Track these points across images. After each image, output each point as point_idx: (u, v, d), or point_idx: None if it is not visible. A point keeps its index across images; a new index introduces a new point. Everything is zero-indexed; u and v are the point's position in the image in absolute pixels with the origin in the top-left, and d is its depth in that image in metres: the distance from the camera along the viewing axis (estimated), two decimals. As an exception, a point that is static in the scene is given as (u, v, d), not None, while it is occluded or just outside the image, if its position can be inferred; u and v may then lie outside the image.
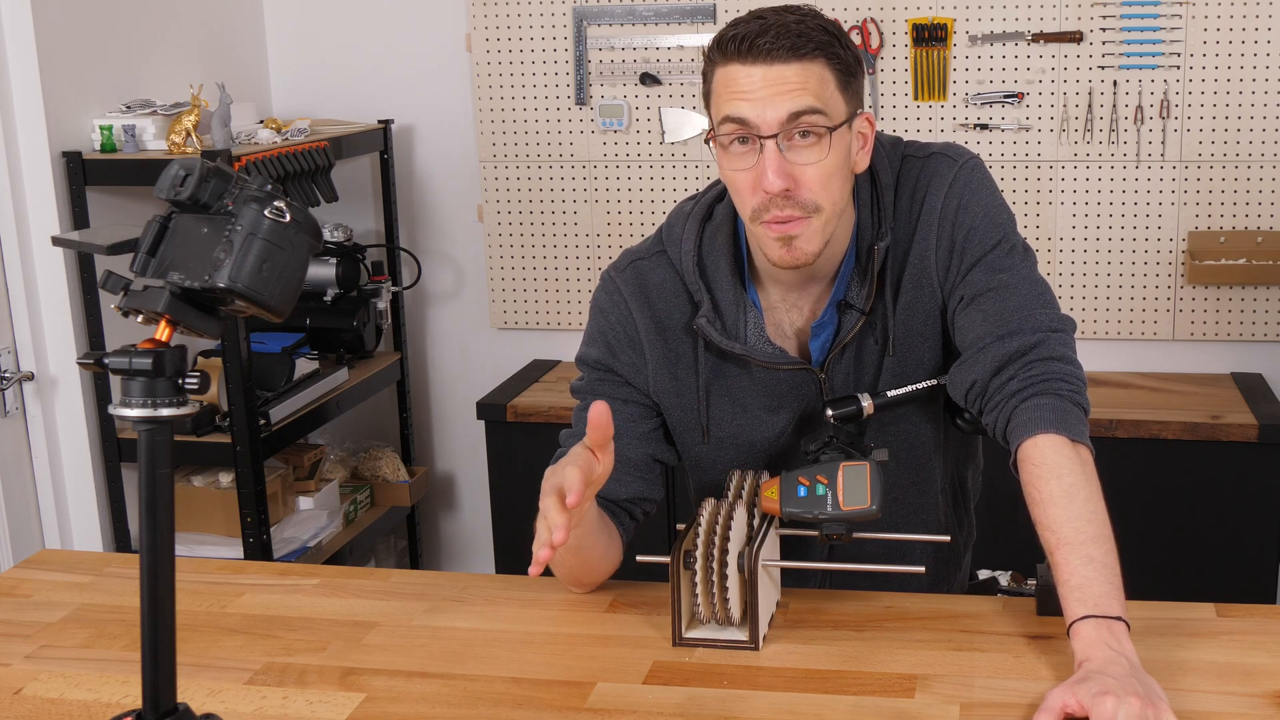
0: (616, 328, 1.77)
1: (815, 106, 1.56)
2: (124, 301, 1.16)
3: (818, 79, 1.57)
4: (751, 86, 1.56)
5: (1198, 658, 1.51)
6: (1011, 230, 1.69)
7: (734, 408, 1.75)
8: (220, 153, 2.87)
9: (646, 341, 1.75)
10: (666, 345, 1.75)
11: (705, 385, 1.75)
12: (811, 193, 1.59)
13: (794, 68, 1.56)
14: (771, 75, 1.55)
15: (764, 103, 1.56)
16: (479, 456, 3.54)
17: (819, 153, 1.58)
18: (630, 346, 1.76)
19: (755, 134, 1.57)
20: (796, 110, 1.56)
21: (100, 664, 1.62)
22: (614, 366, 1.77)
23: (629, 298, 1.76)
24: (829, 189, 1.60)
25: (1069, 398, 1.56)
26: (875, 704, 1.45)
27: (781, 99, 1.56)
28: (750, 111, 1.56)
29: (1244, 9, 3.17)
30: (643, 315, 1.75)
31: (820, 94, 1.57)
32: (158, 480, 1.14)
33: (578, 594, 1.75)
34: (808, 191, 1.59)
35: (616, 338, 1.77)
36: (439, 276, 3.77)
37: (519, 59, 3.54)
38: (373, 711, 1.48)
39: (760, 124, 1.56)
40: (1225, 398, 3.18)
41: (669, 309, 1.75)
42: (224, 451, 2.98)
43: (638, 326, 1.76)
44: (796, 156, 1.57)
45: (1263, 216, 3.26)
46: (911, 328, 1.70)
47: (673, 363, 1.76)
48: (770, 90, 1.56)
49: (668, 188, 3.53)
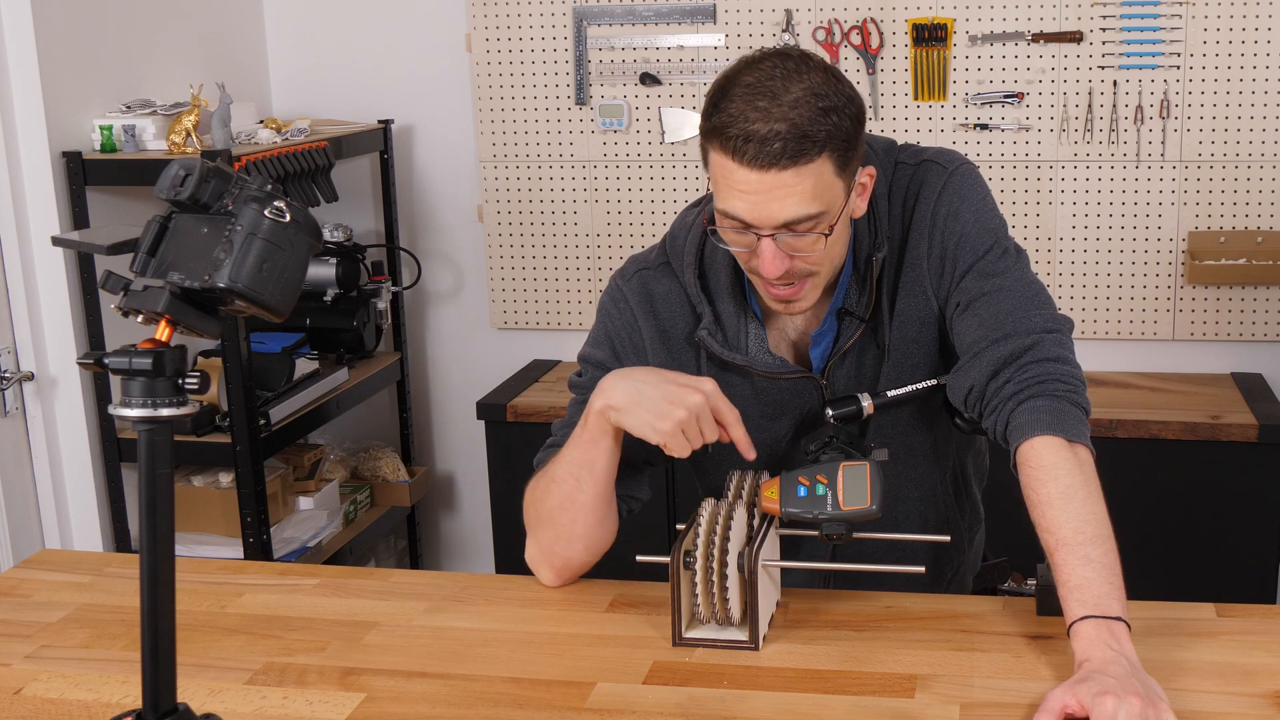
0: (622, 334, 1.78)
1: (812, 213, 1.55)
2: (124, 301, 1.16)
3: (815, 177, 1.53)
4: (749, 189, 1.54)
5: (1198, 658, 1.51)
6: (1003, 234, 1.69)
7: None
8: (220, 153, 2.87)
9: (651, 350, 1.77)
10: (670, 354, 1.76)
11: None
12: (810, 265, 1.60)
13: (791, 174, 1.52)
14: (768, 181, 1.53)
15: (762, 207, 1.54)
16: (479, 456, 3.54)
17: (817, 242, 1.58)
18: (635, 353, 1.78)
19: (754, 231, 1.57)
20: (794, 218, 1.55)
21: (100, 664, 1.62)
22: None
23: (635, 306, 1.78)
24: (829, 258, 1.62)
25: (1066, 398, 1.56)
26: (875, 704, 1.45)
27: (779, 205, 1.54)
28: (747, 213, 1.55)
29: (1244, 9, 3.17)
30: (648, 324, 1.77)
31: (818, 193, 1.54)
32: (158, 480, 1.14)
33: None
34: (806, 265, 1.60)
35: (622, 344, 1.78)
36: (439, 276, 3.77)
37: (519, 59, 3.54)
38: (373, 711, 1.48)
39: (758, 224, 1.56)
40: (1225, 398, 3.18)
41: (673, 319, 1.77)
42: (224, 451, 2.98)
43: (643, 335, 1.77)
44: (795, 244, 1.57)
45: (1263, 216, 3.26)
46: (907, 334, 1.71)
47: (675, 371, 1.76)
48: (767, 195, 1.53)
49: (668, 188, 3.53)
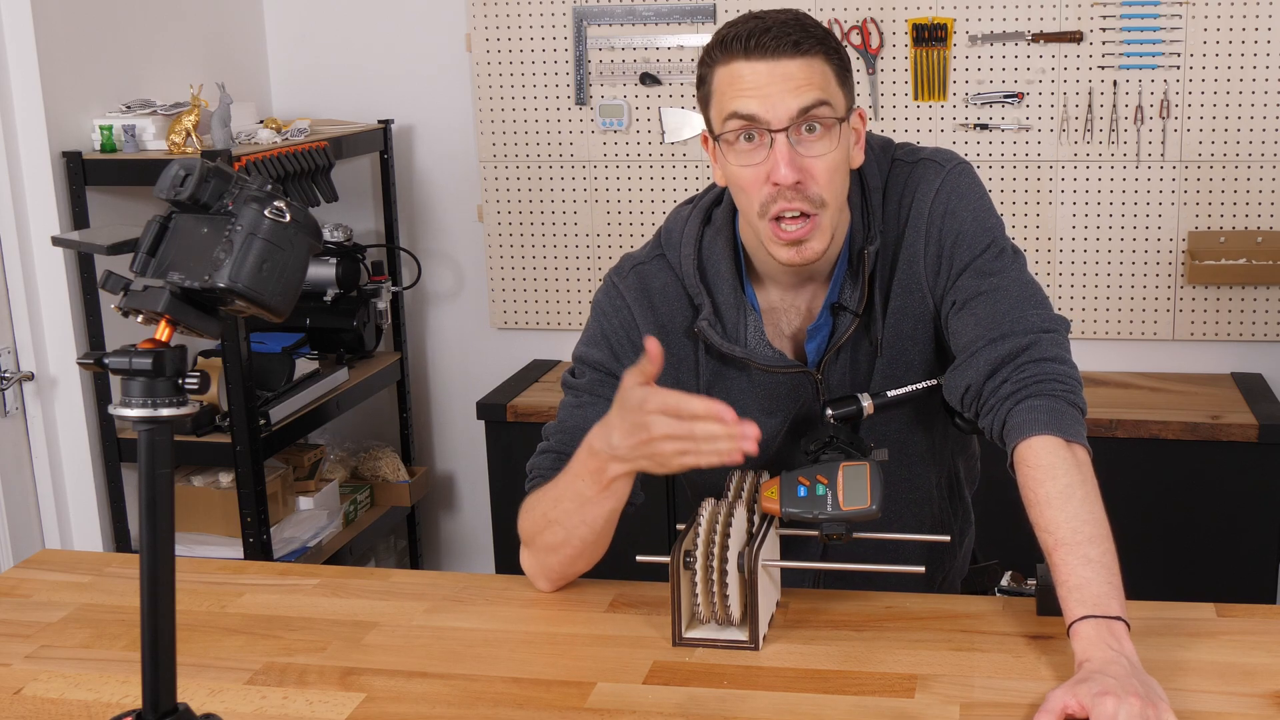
0: (620, 331, 1.77)
1: (823, 99, 1.59)
2: (124, 301, 1.16)
3: (820, 73, 1.60)
4: (758, 82, 1.58)
5: (1198, 658, 1.51)
6: (1000, 234, 1.70)
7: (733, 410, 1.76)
8: (220, 153, 2.87)
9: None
10: (669, 348, 1.75)
11: (706, 388, 1.75)
12: (819, 186, 1.61)
13: (798, 63, 1.58)
14: (778, 71, 1.58)
15: (773, 98, 1.58)
16: (479, 456, 3.54)
17: (828, 144, 1.60)
18: (634, 350, 1.76)
19: (765, 128, 1.59)
20: (806, 105, 1.58)
21: (100, 664, 1.62)
22: (616, 371, 1.76)
23: (632, 302, 1.77)
24: (834, 182, 1.63)
25: (1063, 398, 1.56)
26: (875, 704, 1.45)
27: (790, 94, 1.58)
28: (759, 107, 1.58)
29: (1244, 9, 3.17)
30: (645, 319, 1.76)
31: (825, 87, 1.60)
32: (158, 480, 1.14)
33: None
34: (816, 185, 1.61)
35: (620, 341, 1.77)
36: (439, 276, 3.77)
37: (519, 59, 3.54)
38: (373, 711, 1.48)
39: (770, 118, 1.58)
40: (1225, 398, 3.18)
41: (671, 312, 1.76)
42: (224, 451, 2.98)
43: (640, 331, 1.76)
44: (806, 149, 1.60)
45: (1263, 216, 3.26)
46: (902, 331, 1.71)
47: (675, 366, 1.76)
48: (778, 85, 1.58)
49: (668, 188, 3.53)
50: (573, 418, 1.76)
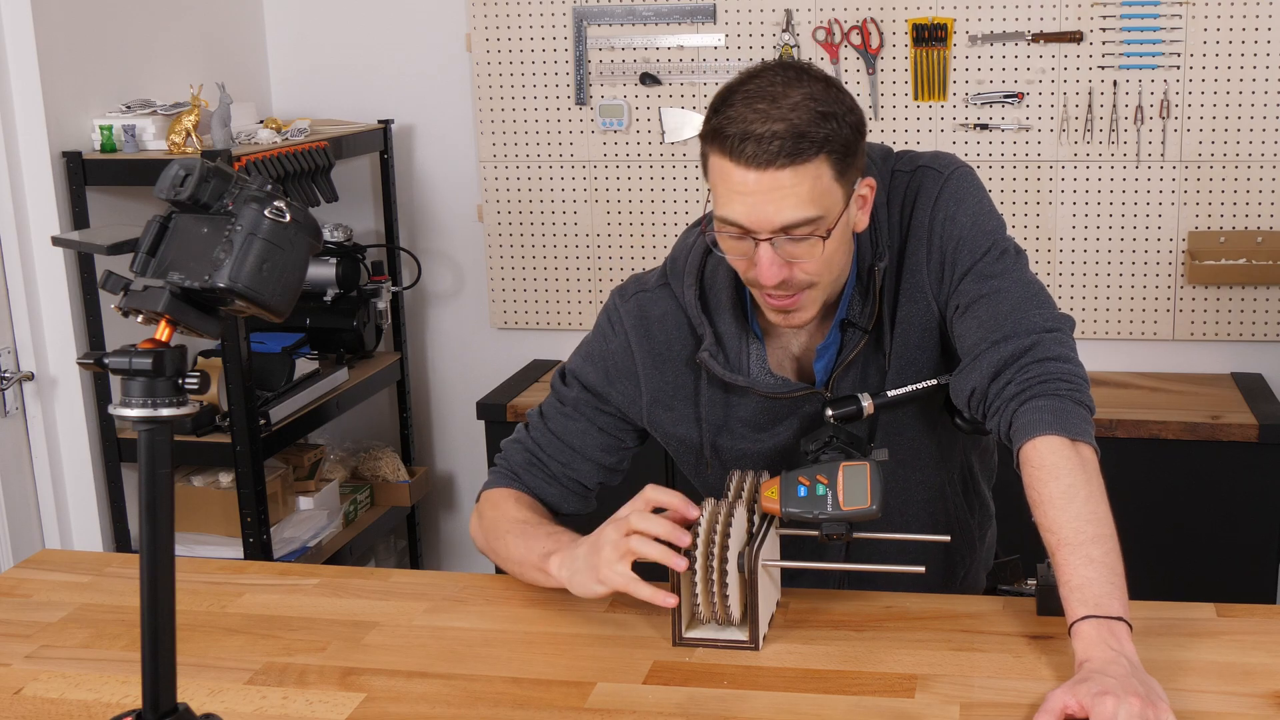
0: (615, 357, 1.79)
1: (810, 216, 1.55)
2: (124, 301, 1.16)
3: (813, 180, 1.54)
4: (746, 189, 1.54)
5: (1198, 658, 1.51)
6: (1001, 235, 1.69)
7: (738, 434, 1.77)
8: (220, 153, 2.87)
9: (643, 374, 1.78)
10: (663, 377, 1.77)
11: (708, 417, 1.76)
12: (809, 274, 1.60)
13: (788, 173, 1.52)
14: (766, 181, 1.53)
15: (759, 209, 1.54)
16: (479, 456, 3.54)
17: (815, 248, 1.58)
18: (626, 378, 1.79)
19: (751, 236, 1.57)
20: (790, 223, 1.55)
21: (100, 664, 1.62)
22: (608, 395, 1.81)
23: (630, 330, 1.78)
24: (828, 267, 1.61)
25: (1068, 397, 1.56)
26: (875, 704, 1.45)
27: (776, 207, 1.54)
28: (745, 217, 1.55)
29: (1244, 9, 3.17)
30: (641, 348, 1.78)
31: (816, 197, 1.54)
32: (158, 480, 1.14)
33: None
34: (804, 274, 1.60)
35: (615, 367, 1.79)
36: (439, 276, 3.77)
37: (519, 59, 3.54)
38: (373, 711, 1.48)
39: (756, 229, 1.56)
40: (1225, 398, 3.18)
41: (669, 341, 1.77)
42: (224, 451, 2.97)
43: (635, 359, 1.78)
44: (793, 250, 1.57)
45: (1263, 216, 3.26)
46: (910, 340, 1.70)
47: (670, 395, 1.78)
48: (765, 196, 1.53)
49: (668, 188, 3.53)
50: (555, 424, 1.82)
